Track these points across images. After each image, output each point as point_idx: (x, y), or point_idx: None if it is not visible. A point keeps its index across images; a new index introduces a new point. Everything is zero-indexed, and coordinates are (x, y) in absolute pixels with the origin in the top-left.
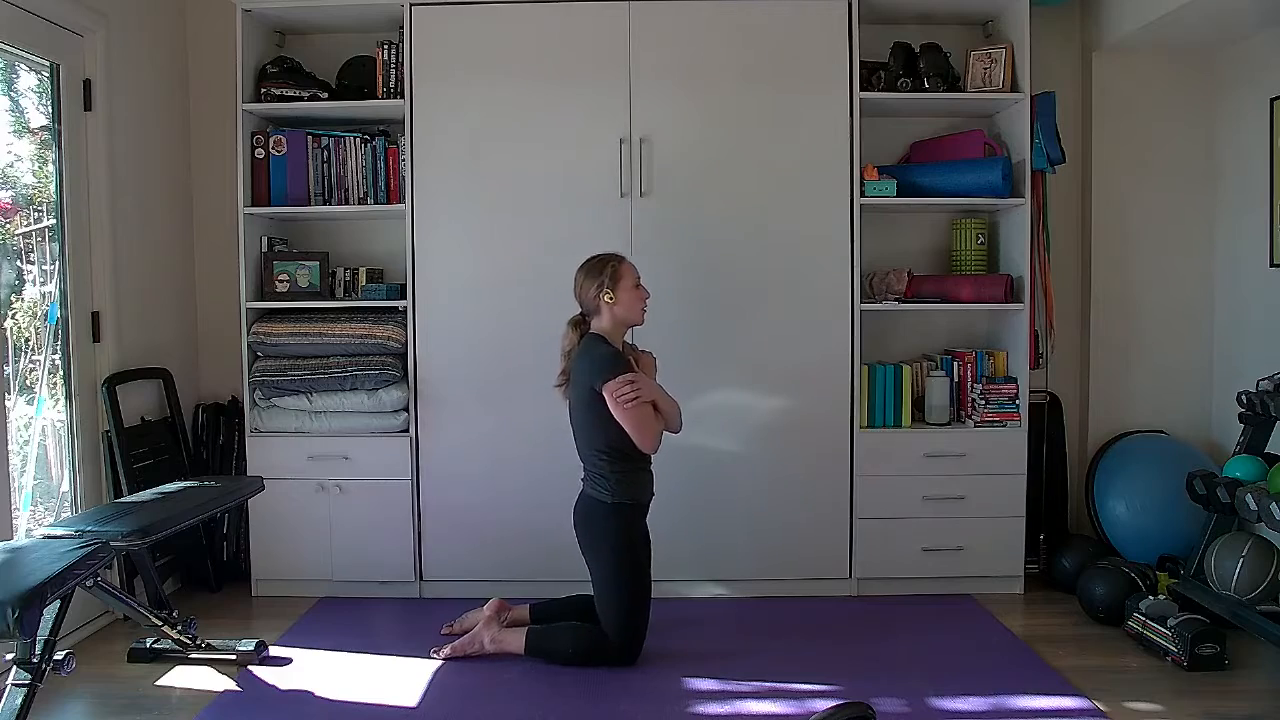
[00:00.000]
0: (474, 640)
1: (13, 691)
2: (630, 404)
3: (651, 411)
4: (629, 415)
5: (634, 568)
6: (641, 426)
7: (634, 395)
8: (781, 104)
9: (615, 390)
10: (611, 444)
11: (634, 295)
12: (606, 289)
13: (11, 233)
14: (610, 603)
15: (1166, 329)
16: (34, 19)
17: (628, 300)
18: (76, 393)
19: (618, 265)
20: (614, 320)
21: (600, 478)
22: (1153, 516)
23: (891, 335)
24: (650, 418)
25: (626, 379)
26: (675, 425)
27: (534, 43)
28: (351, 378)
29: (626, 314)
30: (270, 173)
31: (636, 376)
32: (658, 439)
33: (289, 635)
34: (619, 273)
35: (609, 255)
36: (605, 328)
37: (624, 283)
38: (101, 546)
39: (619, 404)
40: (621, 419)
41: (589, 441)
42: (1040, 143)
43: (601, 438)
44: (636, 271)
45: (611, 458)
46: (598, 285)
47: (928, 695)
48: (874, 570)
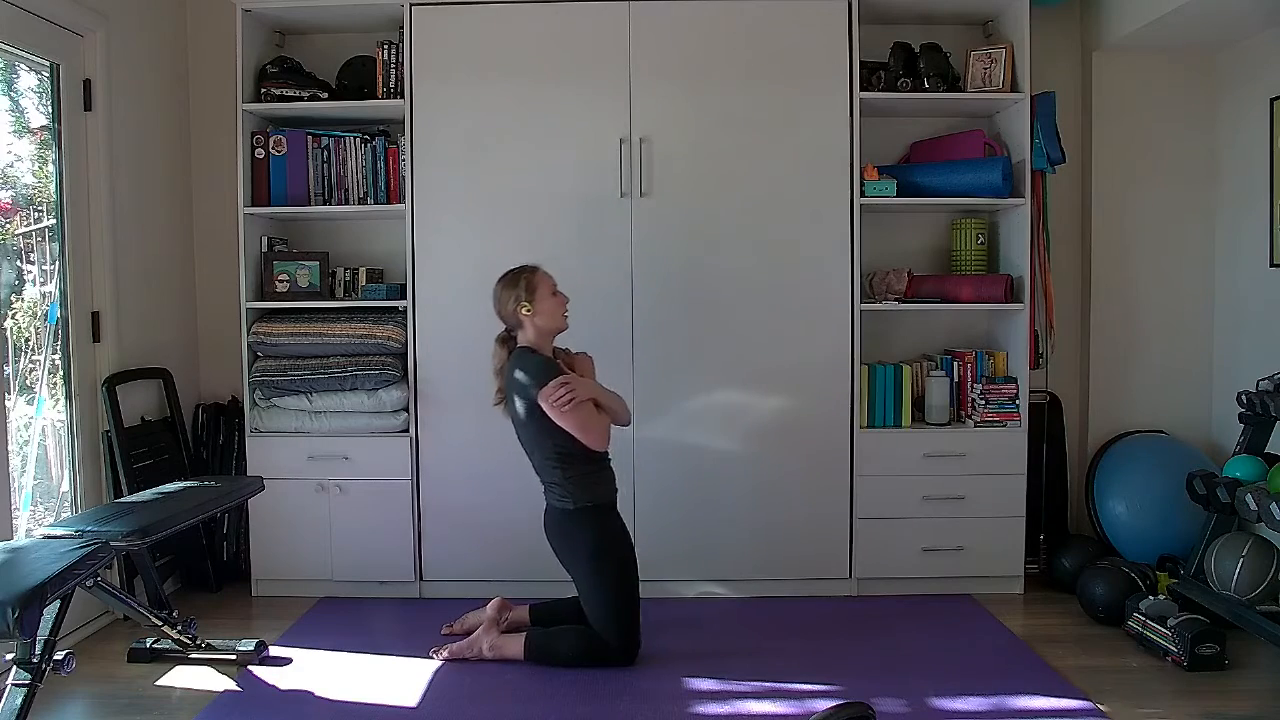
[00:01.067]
0: (473, 646)
1: (13, 691)
2: (568, 406)
3: (593, 410)
4: (570, 418)
5: (614, 567)
6: (585, 426)
7: (569, 397)
8: (781, 104)
9: (550, 396)
10: (561, 450)
11: (553, 303)
12: (524, 301)
13: (11, 233)
14: (597, 607)
15: (1166, 329)
16: (34, 19)
17: (547, 309)
18: (76, 393)
19: (531, 276)
20: (538, 331)
21: (558, 486)
22: (1153, 516)
23: (891, 335)
24: (593, 416)
25: (559, 382)
26: (622, 419)
27: (534, 43)
28: (351, 378)
29: (548, 322)
30: (270, 173)
31: (569, 378)
32: (605, 435)
33: (289, 635)
34: (534, 283)
35: (522, 267)
36: (531, 339)
37: (540, 292)
38: (101, 546)
39: (557, 409)
40: (563, 423)
41: (540, 453)
42: (1040, 143)
43: (550, 446)
44: (552, 279)
45: (565, 463)
46: (515, 299)
47: (928, 695)
48: (874, 570)
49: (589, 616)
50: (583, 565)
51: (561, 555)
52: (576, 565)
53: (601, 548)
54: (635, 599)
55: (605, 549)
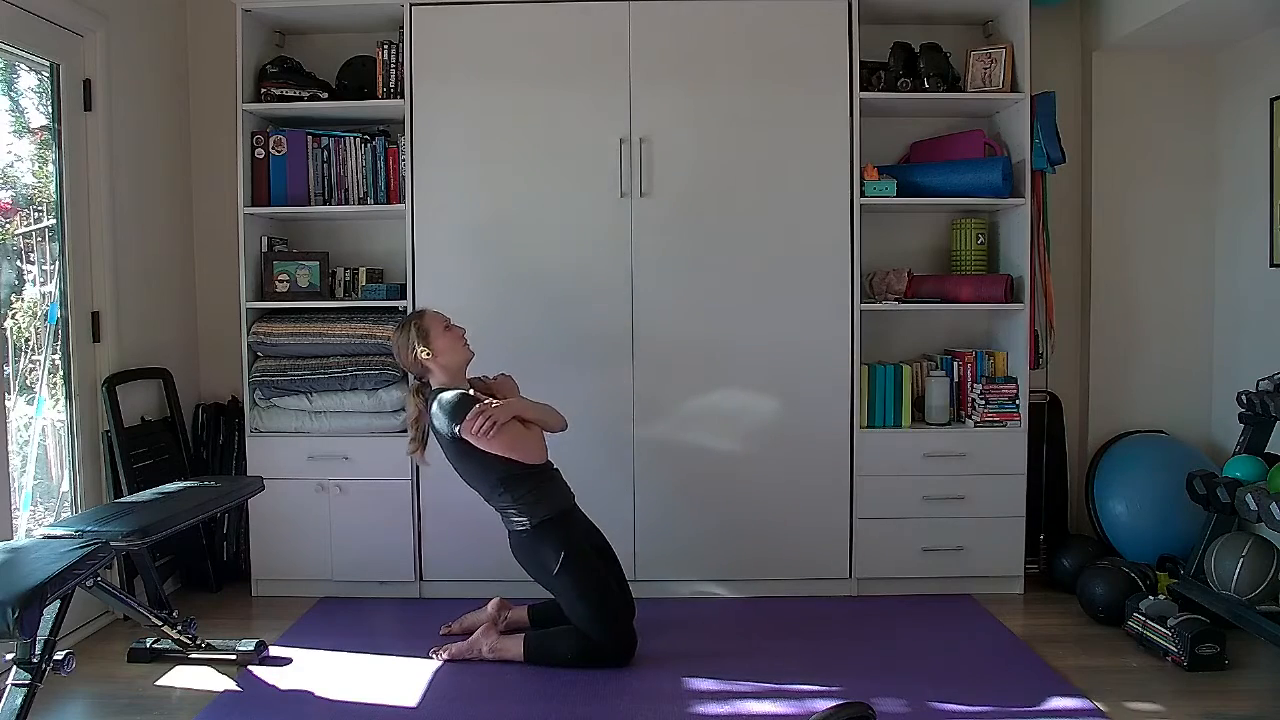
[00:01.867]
0: (473, 647)
1: (13, 691)
2: (491, 432)
3: (519, 428)
4: (497, 442)
5: (585, 573)
6: (515, 445)
7: (490, 422)
8: (781, 104)
9: (470, 428)
10: (502, 475)
11: (448, 339)
12: (420, 347)
13: (11, 233)
14: (581, 615)
15: (1166, 329)
16: (34, 19)
17: (445, 345)
18: (76, 393)
19: (419, 321)
20: (445, 370)
21: (511, 509)
22: (1153, 516)
23: (891, 335)
24: (520, 433)
25: (475, 413)
26: (555, 425)
27: (534, 43)
28: (351, 378)
29: (451, 359)
30: (270, 173)
31: (483, 406)
32: (540, 448)
33: (289, 635)
34: (424, 326)
35: (410, 314)
36: (443, 380)
37: (434, 332)
38: (101, 546)
39: (482, 438)
40: (493, 449)
41: (484, 484)
42: (1040, 143)
43: (491, 475)
44: (443, 316)
45: (510, 486)
46: (410, 348)
47: (928, 695)
48: (874, 570)
49: (575, 623)
50: (554, 581)
51: (534, 575)
52: (549, 582)
53: (566, 559)
54: (617, 598)
55: (570, 559)
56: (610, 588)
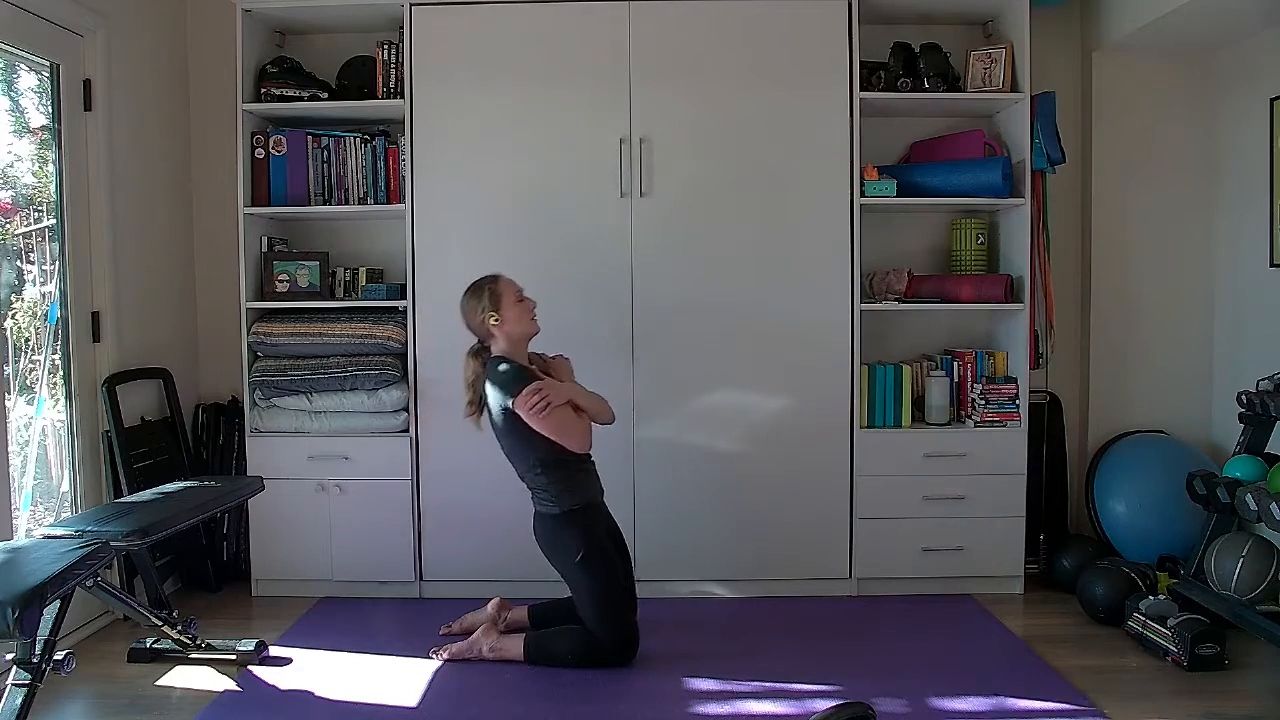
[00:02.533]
0: (473, 647)
1: (13, 691)
2: (544, 412)
3: (570, 413)
4: (547, 423)
5: (604, 568)
6: (563, 430)
7: (544, 402)
8: (781, 104)
9: (525, 403)
10: (543, 457)
11: (519, 309)
12: (490, 311)
13: (11, 233)
14: (590, 608)
15: (1166, 329)
16: (34, 19)
17: (514, 315)
18: (76, 393)
19: (495, 286)
20: (509, 339)
21: (543, 491)
22: (1153, 516)
23: (891, 335)
24: (570, 419)
25: (533, 389)
26: (604, 417)
27: (534, 43)
28: (351, 378)
29: (517, 329)
30: (270, 173)
31: (543, 383)
32: (586, 437)
33: (289, 635)
34: (497, 292)
35: (485, 278)
36: (504, 348)
37: (505, 300)
38: (101, 546)
39: (534, 415)
40: (541, 428)
41: (522, 461)
42: (1040, 143)
43: (531, 454)
44: (516, 285)
45: (547, 469)
46: (481, 310)
47: (928, 695)
48: (874, 570)
49: (583, 618)
50: (573, 568)
51: (552, 559)
52: (567, 568)
53: (588, 550)
54: (628, 598)
55: (591, 551)
56: (622, 586)
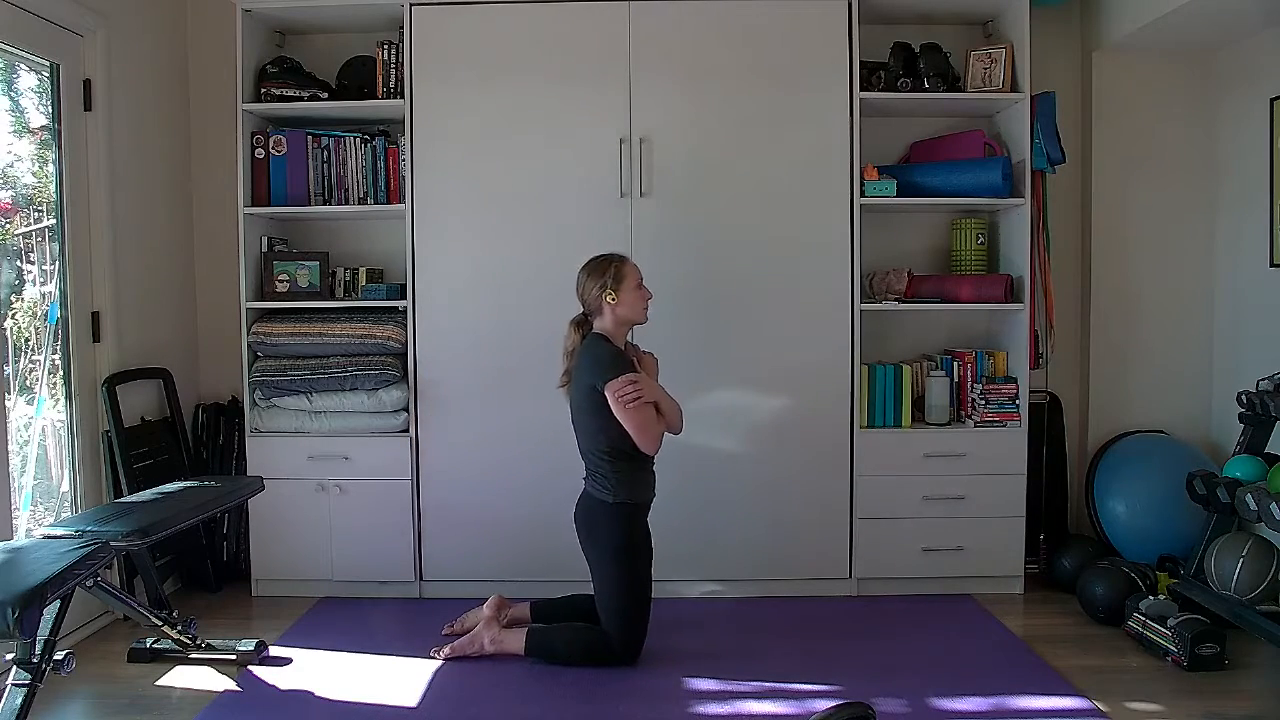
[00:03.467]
0: (474, 641)
1: (13, 691)
2: (632, 404)
3: (653, 412)
4: (631, 416)
5: (634, 568)
6: (643, 427)
7: (636, 395)
8: (781, 104)
9: (618, 390)
10: (613, 444)
11: (636, 295)
12: (609, 289)
13: (11, 233)
14: (610, 603)
15: (1166, 329)
16: (34, 19)
17: (630, 300)
18: (76, 393)
19: (620, 265)
20: (616, 320)
21: (602, 477)
22: (1153, 516)
23: (891, 335)
24: (652, 419)
25: (629, 379)
26: (677, 427)
27: (534, 43)
28: (351, 378)
29: (629, 313)
30: (270, 173)
31: (639, 377)
32: (659, 440)
33: (289, 635)
34: (622, 273)
35: (612, 255)
36: (608, 328)
37: (627, 283)
38: (101, 546)
39: (621, 404)
40: (623, 419)
41: (591, 441)
42: (1040, 143)
43: (603, 438)
44: (639, 272)
45: (613, 458)
46: (600, 285)
47: (928, 695)
48: (874, 570)
49: (599, 609)
50: (605, 559)
51: (585, 543)
52: (599, 557)
53: (627, 547)
54: (647, 602)
55: (630, 549)
56: (649, 597)
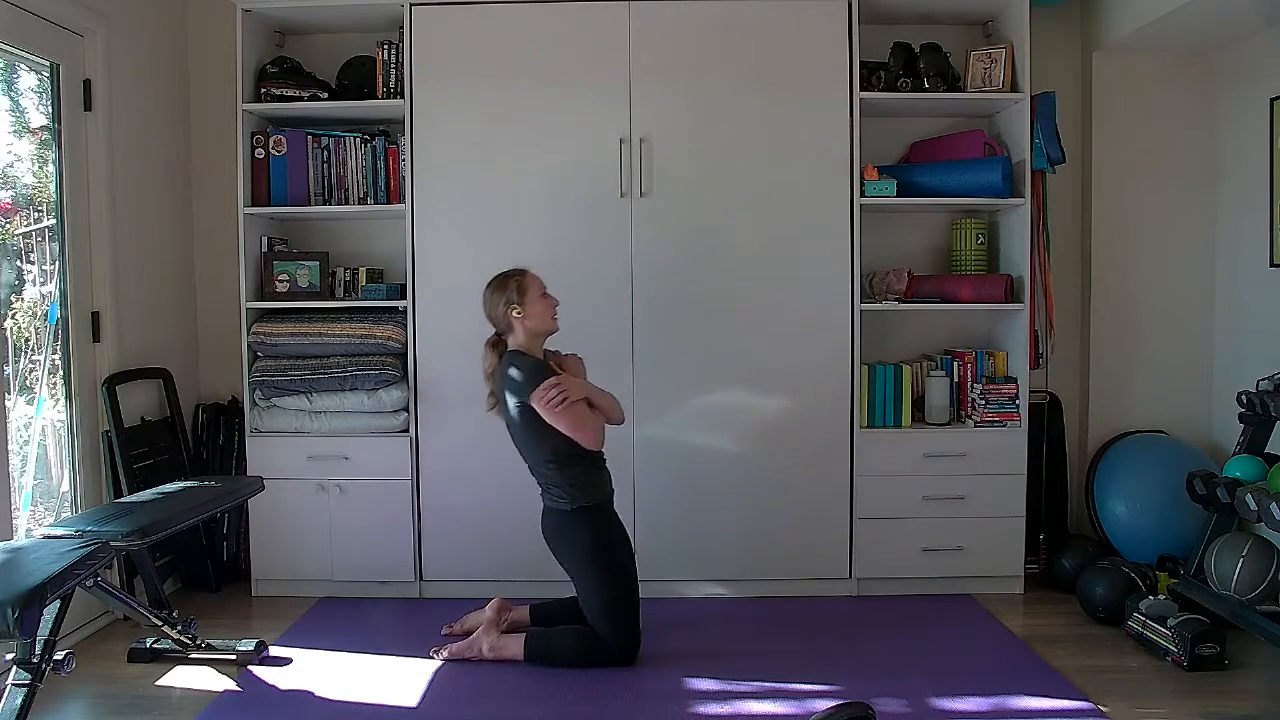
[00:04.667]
0: (473, 646)
1: (13, 691)
2: (560, 406)
3: (586, 409)
4: (563, 418)
5: (612, 567)
6: (579, 425)
7: (562, 397)
8: (781, 104)
9: (543, 397)
10: (557, 451)
11: (543, 305)
12: (515, 304)
13: (11, 233)
14: (597, 607)
15: (1166, 329)
16: (34, 19)
17: (537, 311)
18: (76, 393)
19: (521, 279)
20: (528, 333)
21: (555, 487)
22: (1153, 516)
23: (891, 335)
24: (586, 415)
25: (551, 383)
26: (616, 417)
27: (534, 43)
28: (351, 378)
29: (538, 324)
30: (270, 173)
31: (561, 378)
32: (600, 434)
33: (289, 635)
34: (524, 286)
35: (511, 271)
36: (522, 342)
37: (530, 294)
38: (101, 546)
39: (550, 409)
40: (557, 423)
41: (534, 455)
42: (1040, 143)
43: (545, 448)
44: (542, 281)
45: (561, 464)
46: (505, 301)
47: (928, 695)
48: (874, 570)
49: (588, 617)
50: (581, 566)
51: (559, 556)
52: (575, 566)
53: (599, 547)
54: (634, 598)
55: (603, 549)
56: (631, 586)
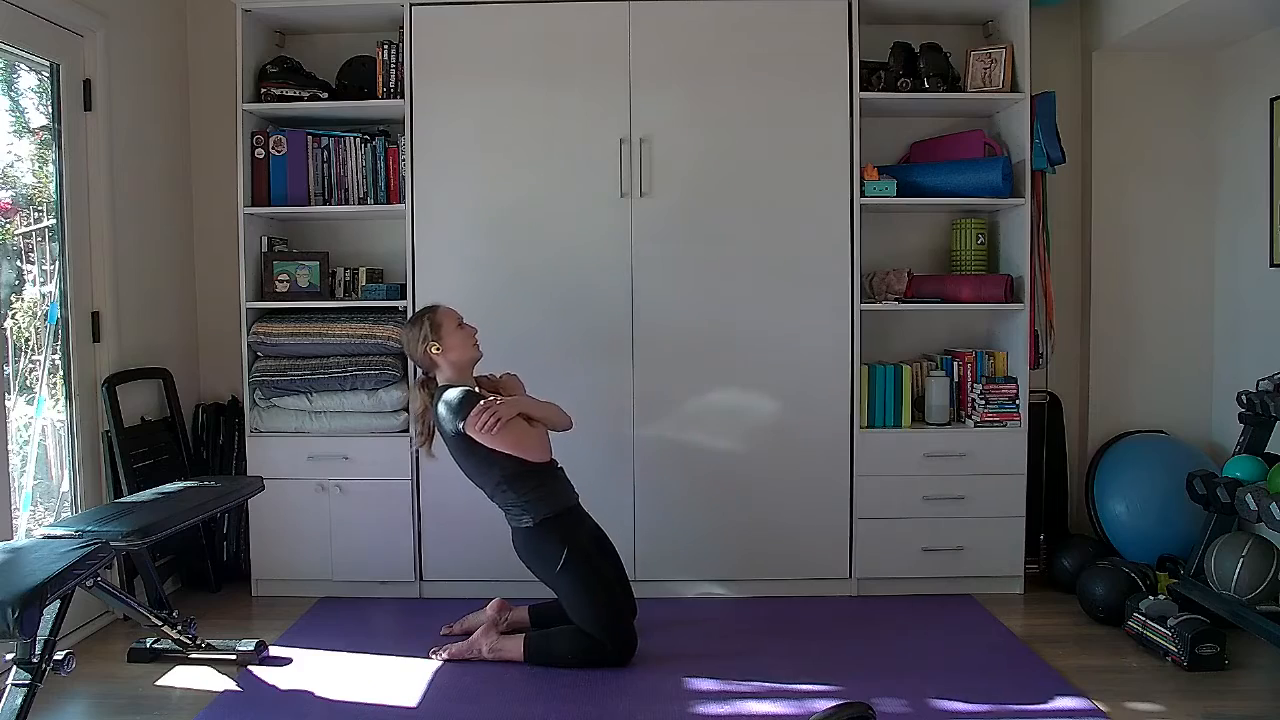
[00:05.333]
0: (472, 647)
1: (13, 691)
2: (495, 429)
3: (524, 425)
4: (502, 439)
5: (588, 572)
6: (518, 442)
7: (494, 418)
8: (781, 104)
9: (475, 424)
10: (506, 471)
11: (460, 336)
12: (431, 341)
13: (11, 233)
14: (582, 612)
15: (1166, 329)
16: (34, 19)
17: (456, 343)
18: (76, 393)
19: (433, 315)
20: (453, 366)
21: (515, 507)
22: (1153, 516)
23: (891, 335)
24: (525, 432)
25: (480, 408)
26: (560, 424)
27: (534, 43)
28: (351, 378)
29: (460, 355)
30: (270, 173)
31: (487, 402)
32: (544, 446)
33: (289, 635)
34: (437, 321)
35: (423, 309)
36: (450, 376)
37: (446, 328)
38: (101, 546)
39: (485, 434)
40: (497, 446)
41: (486, 481)
42: (1040, 143)
43: (494, 472)
44: (456, 313)
45: (513, 484)
46: (421, 339)
47: (928, 695)
48: (874, 570)
49: (577, 623)
50: (558, 577)
51: (536, 572)
52: (552, 579)
53: (570, 555)
54: (617, 599)
55: (574, 556)
56: (612, 587)
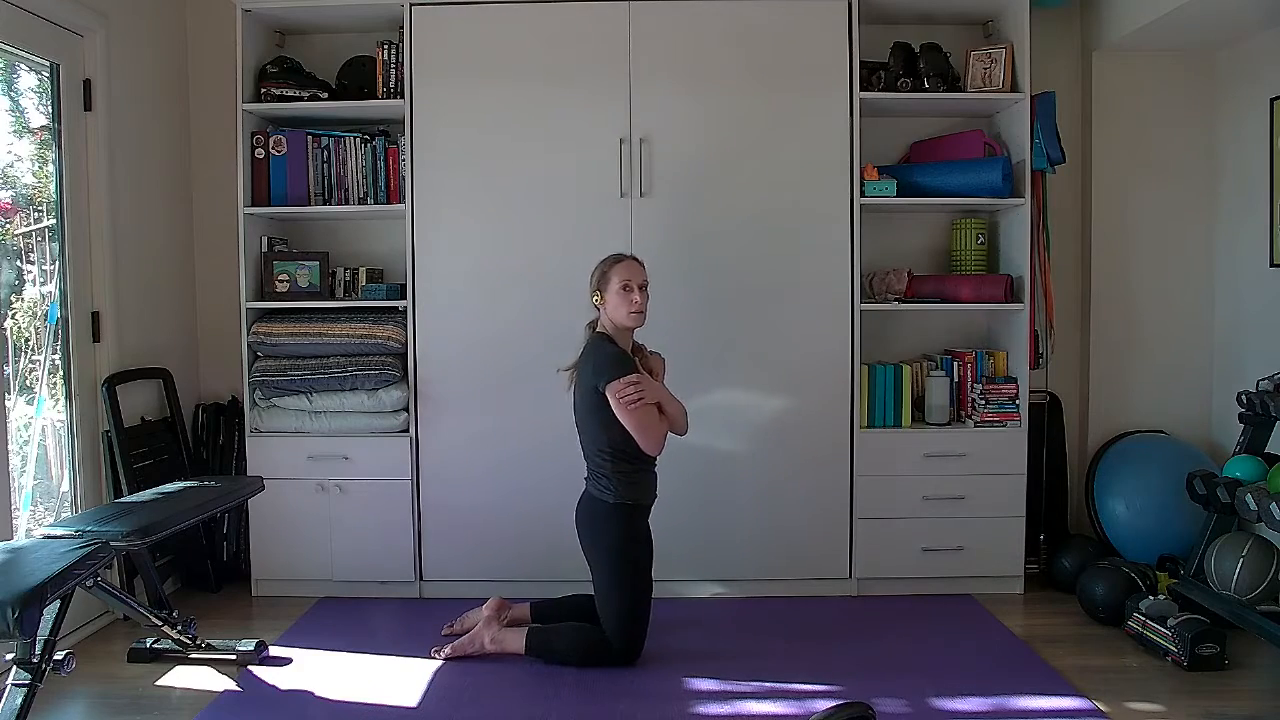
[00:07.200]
0: (474, 640)
1: (13, 691)
2: (633, 405)
3: (656, 413)
4: (632, 417)
5: (634, 569)
6: (645, 428)
7: (637, 396)
8: (781, 104)
9: (618, 391)
10: (615, 444)
11: (619, 298)
12: (596, 291)
13: (11, 233)
14: (610, 603)
15: (1166, 329)
16: (34, 19)
17: (613, 303)
18: (76, 393)
19: (608, 268)
20: (610, 321)
21: (603, 477)
22: (1153, 516)
23: (891, 335)
24: (654, 420)
25: (629, 380)
26: (681, 428)
27: (534, 43)
28: (351, 378)
29: (614, 315)
30: (270, 173)
31: (640, 378)
32: (661, 441)
33: (289, 635)
34: (607, 276)
35: (610, 256)
36: (608, 328)
37: (610, 286)
38: (101, 546)
39: (622, 405)
40: (624, 420)
41: (592, 441)
42: (1040, 143)
43: (605, 438)
44: (629, 275)
45: (614, 458)
46: (593, 286)
47: (928, 695)
48: (874, 570)
49: (599, 610)
50: (605, 559)
51: (585, 543)
52: (599, 558)
53: (626, 547)
54: (647, 604)
55: (629, 550)
56: (646, 591)
